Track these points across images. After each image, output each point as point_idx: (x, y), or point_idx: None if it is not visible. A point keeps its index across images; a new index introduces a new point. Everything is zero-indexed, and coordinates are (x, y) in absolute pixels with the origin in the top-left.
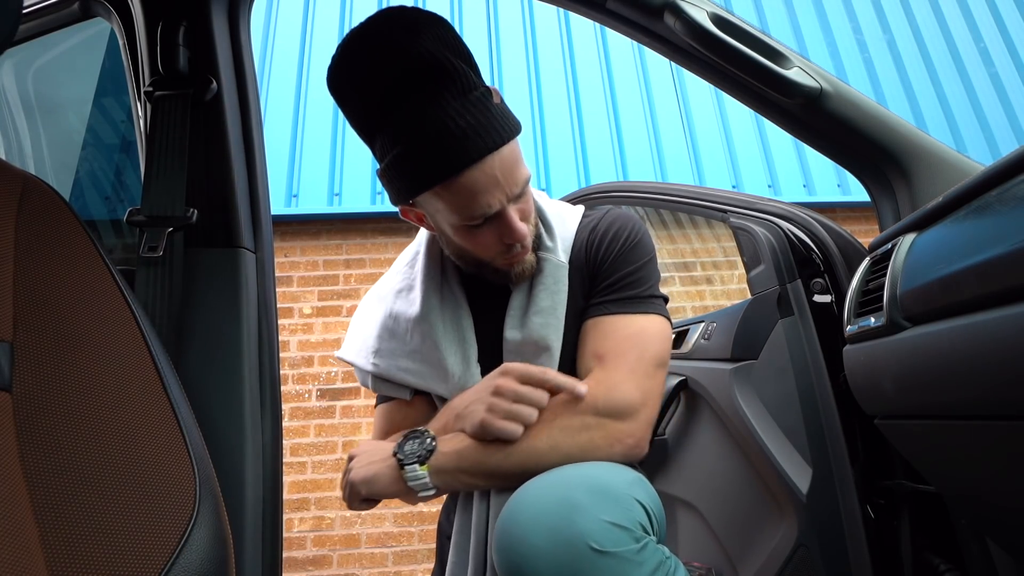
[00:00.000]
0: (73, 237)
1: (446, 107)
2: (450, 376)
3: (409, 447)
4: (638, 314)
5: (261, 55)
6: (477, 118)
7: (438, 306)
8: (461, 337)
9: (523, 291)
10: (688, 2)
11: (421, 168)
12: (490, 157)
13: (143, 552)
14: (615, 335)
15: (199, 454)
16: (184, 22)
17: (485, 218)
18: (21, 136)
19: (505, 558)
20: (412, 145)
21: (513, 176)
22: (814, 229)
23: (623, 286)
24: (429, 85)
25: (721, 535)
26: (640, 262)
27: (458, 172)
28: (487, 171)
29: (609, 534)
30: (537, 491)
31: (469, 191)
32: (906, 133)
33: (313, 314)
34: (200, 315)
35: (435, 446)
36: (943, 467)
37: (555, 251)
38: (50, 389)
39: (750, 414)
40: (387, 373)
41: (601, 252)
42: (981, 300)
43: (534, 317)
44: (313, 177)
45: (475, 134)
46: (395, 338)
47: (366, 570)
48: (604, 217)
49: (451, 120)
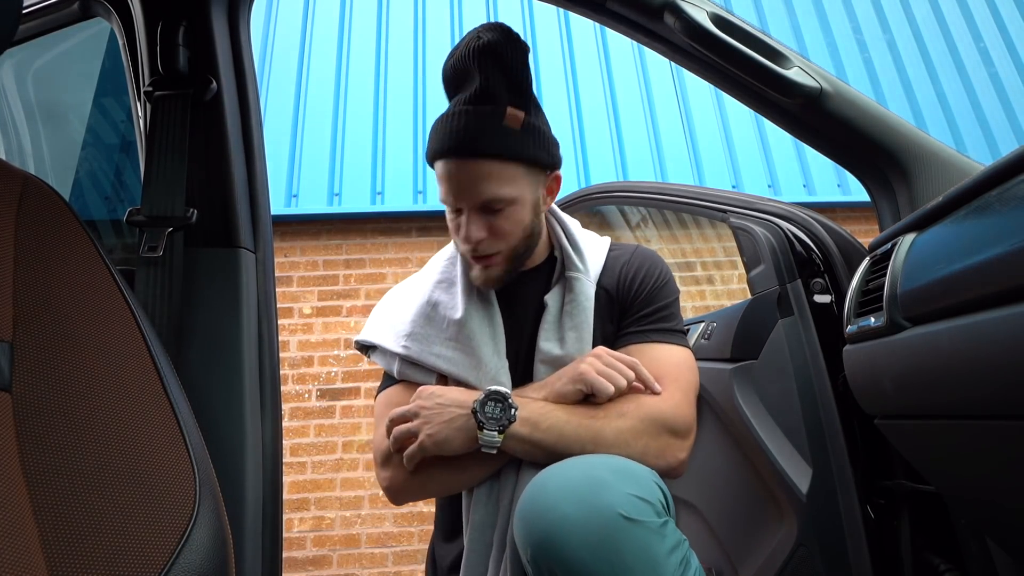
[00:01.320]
0: (73, 237)
1: (459, 106)
2: (484, 366)
3: (491, 410)
4: (678, 346)
5: (261, 55)
6: (470, 126)
7: (476, 301)
8: (494, 332)
9: (555, 305)
10: (688, 2)
11: (427, 143)
12: (457, 162)
13: (143, 552)
14: (665, 361)
15: (199, 454)
16: (184, 22)
17: (458, 209)
18: (21, 136)
19: (532, 528)
20: (433, 124)
21: (472, 189)
22: (814, 229)
23: (660, 318)
24: (465, 85)
25: (721, 535)
26: (672, 298)
27: (431, 160)
28: (451, 171)
29: (635, 505)
30: (562, 469)
31: (439, 178)
32: (906, 133)
33: (313, 314)
34: (200, 315)
35: (516, 414)
36: (943, 467)
37: (586, 273)
38: (50, 389)
39: (750, 414)
40: (418, 357)
41: (636, 284)
42: (981, 300)
43: (570, 332)
44: (313, 177)
45: (456, 137)
46: (432, 324)
47: (366, 570)
48: (635, 252)
49: (450, 117)
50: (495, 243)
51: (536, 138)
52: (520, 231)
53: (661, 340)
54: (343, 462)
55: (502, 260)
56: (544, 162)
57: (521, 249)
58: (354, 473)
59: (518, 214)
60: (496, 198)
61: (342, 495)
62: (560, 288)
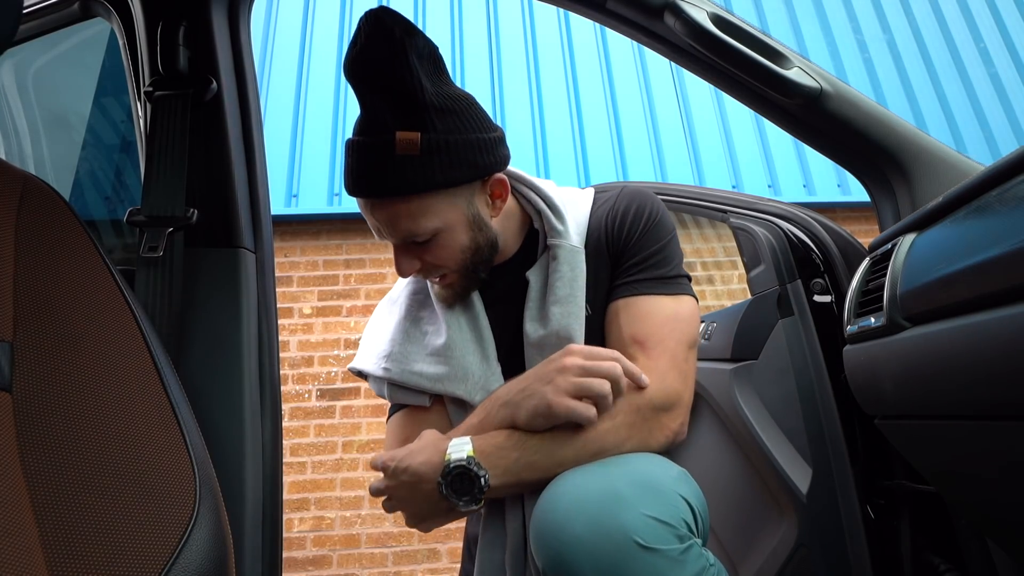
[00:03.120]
0: (73, 237)
1: (355, 135)
2: (470, 376)
3: (459, 485)
4: (669, 295)
5: (261, 55)
6: (363, 163)
7: (454, 307)
8: (479, 336)
9: (539, 281)
10: (688, 2)
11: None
12: (363, 201)
13: (143, 552)
14: (651, 318)
15: (199, 454)
16: (184, 22)
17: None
18: (21, 136)
19: (544, 545)
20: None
21: (389, 227)
22: (814, 229)
23: (650, 266)
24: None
25: (721, 535)
26: (664, 240)
27: (352, 195)
28: (364, 208)
29: (653, 530)
30: (578, 480)
31: (362, 212)
32: (906, 133)
33: (313, 314)
34: (200, 315)
35: (488, 479)
36: (943, 467)
37: (567, 235)
38: (50, 389)
39: (750, 414)
40: (400, 378)
41: (625, 231)
42: (981, 300)
43: (553, 308)
44: (313, 177)
45: (354, 177)
46: (411, 341)
47: (366, 570)
48: (621, 195)
49: (349, 149)
50: (435, 270)
51: (445, 156)
52: (459, 254)
53: (649, 291)
54: (343, 462)
55: (456, 278)
56: (464, 177)
57: (471, 265)
58: (354, 473)
59: (449, 240)
60: (412, 233)
61: (342, 495)
62: (544, 259)
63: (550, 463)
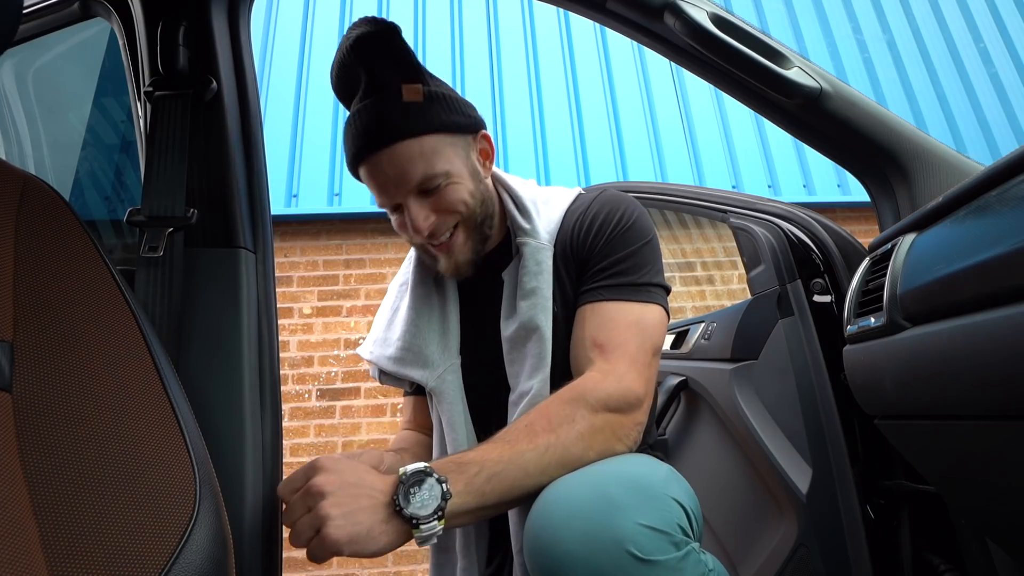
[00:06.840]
0: (73, 237)
1: (357, 105)
2: (431, 364)
3: (419, 500)
4: (635, 302)
5: (261, 55)
6: (374, 118)
7: (424, 296)
8: (444, 328)
9: (512, 279)
10: (688, 2)
11: (345, 157)
12: (376, 156)
13: (143, 552)
14: (613, 323)
15: (199, 454)
16: (184, 22)
17: (396, 205)
18: (21, 136)
19: (537, 560)
20: (343, 135)
21: (401, 177)
22: (814, 229)
23: (617, 272)
24: (355, 84)
25: (721, 535)
26: (634, 246)
27: (353, 169)
28: (375, 167)
29: (649, 540)
30: (570, 488)
31: (368, 182)
32: (906, 133)
33: (313, 314)
34: (200, 315)
35: (450, 490)
36: (943, 467)
37: (533, 233)
38: (50, 389)
39: (750, 414)
40: (378, 362)
41: (592, 236)
42: (981, 300)
43: (521, 302)
44: (313, 177)
45: (366, 133)
46: (390, 328)
47: (366, 570)
48: (596, 199)
49: (354, 119)
50: (447, 219)
51: (444, 104)
52: (468, 199)
53: (615, 297)
54: None
55: (463, 237)
56: (463, 125)
57: (479, 216)
58: None
59: (458, 185)
60: (427, 175)
61: None
62: (517, 259)
63: (517, 474)
